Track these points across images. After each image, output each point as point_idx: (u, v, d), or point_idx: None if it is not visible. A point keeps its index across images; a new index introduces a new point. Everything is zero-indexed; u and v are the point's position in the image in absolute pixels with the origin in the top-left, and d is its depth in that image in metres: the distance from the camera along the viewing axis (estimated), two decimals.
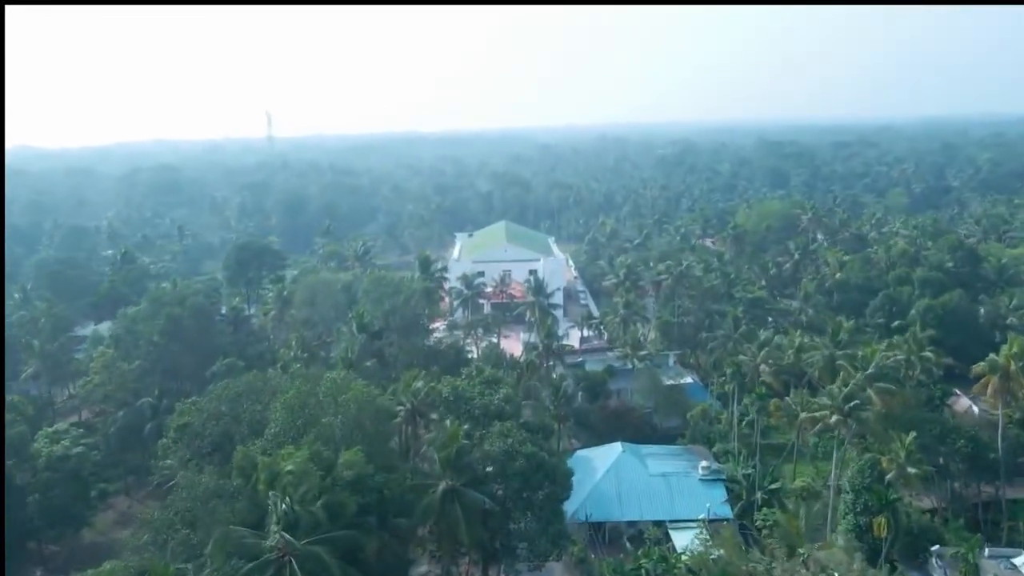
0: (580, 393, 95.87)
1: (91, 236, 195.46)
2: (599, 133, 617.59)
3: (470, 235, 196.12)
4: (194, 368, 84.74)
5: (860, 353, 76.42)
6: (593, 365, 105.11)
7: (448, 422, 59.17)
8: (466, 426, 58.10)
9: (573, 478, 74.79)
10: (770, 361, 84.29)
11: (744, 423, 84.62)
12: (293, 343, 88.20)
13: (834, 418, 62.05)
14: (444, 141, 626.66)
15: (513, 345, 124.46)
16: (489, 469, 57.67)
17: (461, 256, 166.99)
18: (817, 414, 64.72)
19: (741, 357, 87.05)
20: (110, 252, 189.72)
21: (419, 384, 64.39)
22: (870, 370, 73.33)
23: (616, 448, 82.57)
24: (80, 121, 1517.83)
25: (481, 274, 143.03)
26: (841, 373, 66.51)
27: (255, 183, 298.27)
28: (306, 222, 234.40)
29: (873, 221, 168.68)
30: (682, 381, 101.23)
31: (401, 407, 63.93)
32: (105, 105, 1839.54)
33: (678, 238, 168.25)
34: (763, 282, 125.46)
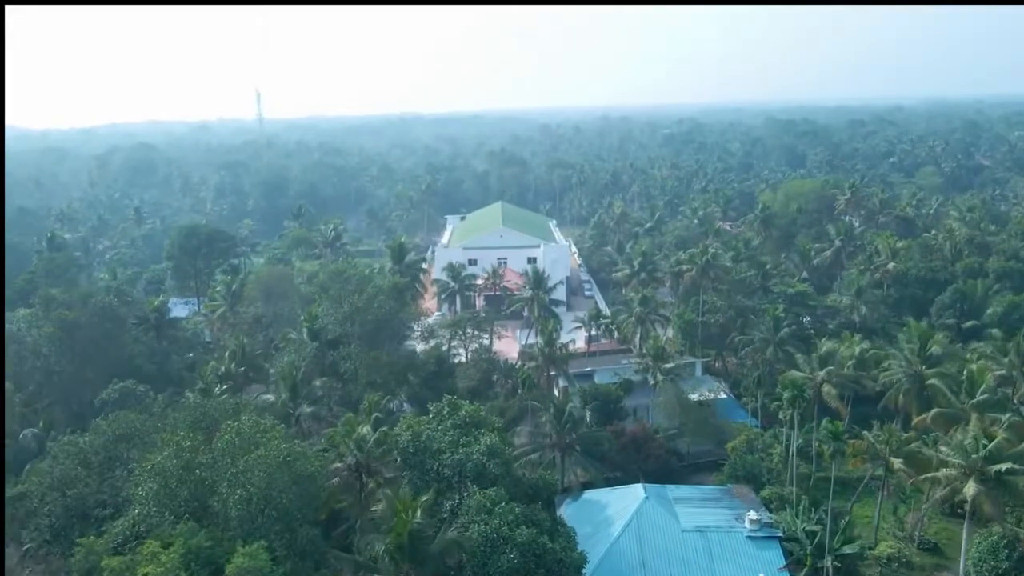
0: (588, 412, 77.53)
1: (42, 220, 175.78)
2: (601, 114, 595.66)
3: (462, 218, 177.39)
4: (97, 389, 65.91)
5: (965, 372, 57.50)
6: (604, 376, 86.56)
7: (402, 489, 40.48)
8: (425, 498, 39.36)
9: (582, 531, 57.65)
10: (835, 379, 65.50)
11: (793, 449, 66.01)
12: (227, 355, 69.56)
13: (972, 487, 42.86)
14: (442, 122, 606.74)
15: (509, 346, 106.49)
16: (463, 556, 39.32)
17: (451, 242, 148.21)
18: (940, 474, 45.66)
19: (796, 373, 68.33)
20: (67, 237, 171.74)
21: (365, 430, 45.46)
22: (979, 396, 54.63)
23: (637, 493, 63.94)
24: (71, 102, 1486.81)
25: (473, 262, 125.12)
26: (977, 422, 46.98)
27: (234, 162, 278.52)
28: (286, 204, 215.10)
29: (914, 202, 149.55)
30: (714, 396, 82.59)
31: (340, 464, 45.15)
32: (98, 86, 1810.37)
33: (695, 221, 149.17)
34: (804, 273, 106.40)
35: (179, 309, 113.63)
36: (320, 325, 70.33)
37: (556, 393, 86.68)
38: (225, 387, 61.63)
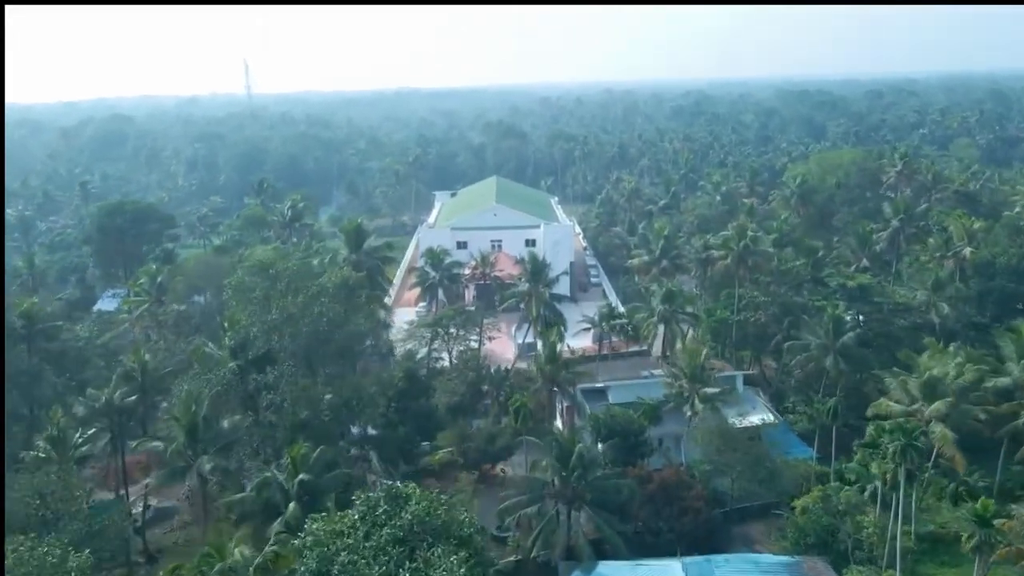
0: (602, 446, 59.20)
1: None
2: (604, 88, 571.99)
3: (453, 195, 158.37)
4: None
5: None
6: (620, 394, 68.07)
7: None
8: None
9: None
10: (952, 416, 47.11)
11: (899, 522, 47.71)
12: (115, 377, 51.10)
13: None
14: (438, 95, 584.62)
15: (503, 346, 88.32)
16: None
17: (438, 222, 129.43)
18: None
19: (893, 406, 49.86)
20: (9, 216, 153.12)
21: (242, 552, 27.01)
22: None
23: (673, 573, 46.08)
24: (60, 77, 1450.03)
25: (463, 245, 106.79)
26: None
27: (211, 134, 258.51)
28: (262, 179, 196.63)
29: (968, 174, 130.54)
30: (763, 420, 64.21)
31: None
32: (88, 61, 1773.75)
33: (718, 198, 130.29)
34: (864, 261, 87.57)
35: (108, 302, 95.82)
36: (242, 337, 51.68)
37: (559, 418, 68.65)
38: (92, 431, 43.12)
